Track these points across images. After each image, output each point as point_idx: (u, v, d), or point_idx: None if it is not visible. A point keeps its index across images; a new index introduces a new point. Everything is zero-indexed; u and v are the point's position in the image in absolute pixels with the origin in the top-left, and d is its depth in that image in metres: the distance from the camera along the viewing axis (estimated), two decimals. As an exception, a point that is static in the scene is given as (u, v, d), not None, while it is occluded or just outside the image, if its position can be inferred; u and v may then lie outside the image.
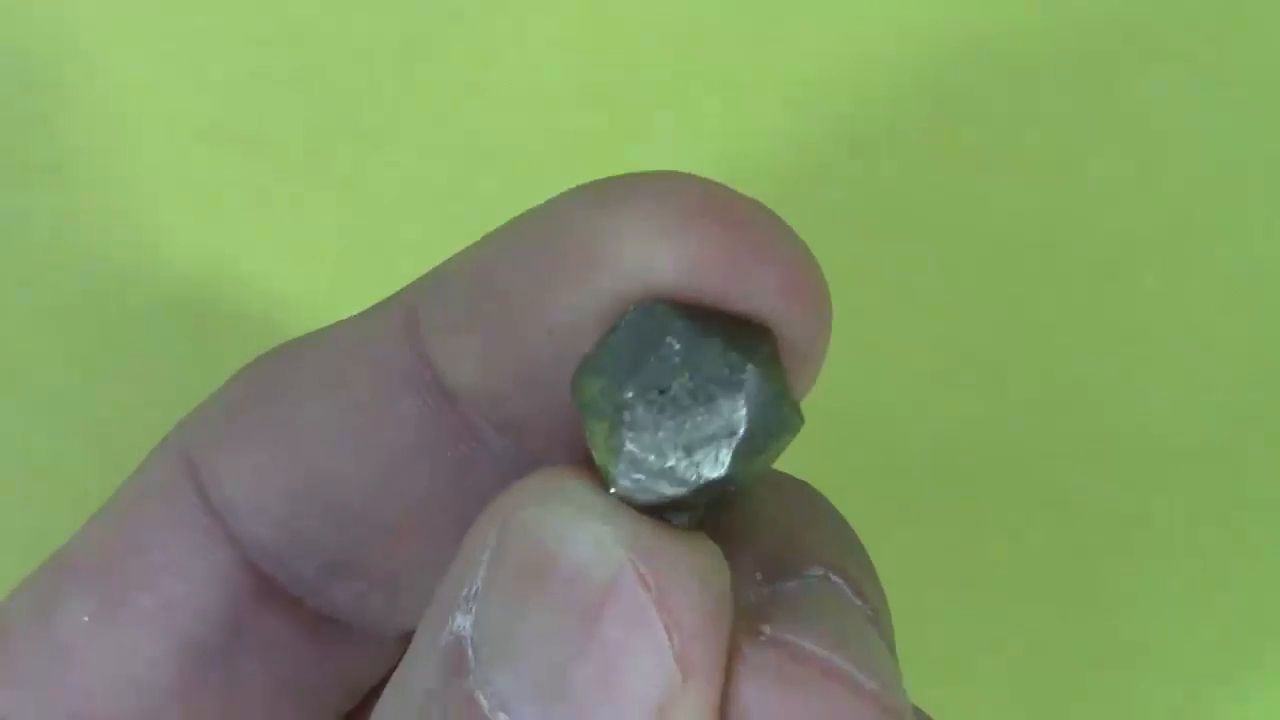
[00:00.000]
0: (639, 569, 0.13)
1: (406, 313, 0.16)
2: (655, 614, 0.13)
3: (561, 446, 0.15)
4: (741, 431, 0.14)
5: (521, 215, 0.15)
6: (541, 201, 0.15)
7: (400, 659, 0.17)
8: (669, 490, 0.14)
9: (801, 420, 0.14)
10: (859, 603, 0.15)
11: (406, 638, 0.17)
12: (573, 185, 0.15)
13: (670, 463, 0.14)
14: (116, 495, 0.17)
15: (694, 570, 0.13)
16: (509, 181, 0.29)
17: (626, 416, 0.14)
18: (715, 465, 0.14)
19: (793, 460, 0.17)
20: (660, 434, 0.14)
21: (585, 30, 0.29)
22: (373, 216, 0.29)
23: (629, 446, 0.14)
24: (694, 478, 0.14)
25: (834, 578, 0.15)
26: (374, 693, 0.17)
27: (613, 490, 0.14)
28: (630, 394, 0.14)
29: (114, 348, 0.29)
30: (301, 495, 0.16)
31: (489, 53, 0.29)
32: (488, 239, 0.15)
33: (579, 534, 0.13)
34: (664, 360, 0.14)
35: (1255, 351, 0.29)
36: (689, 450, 0.14)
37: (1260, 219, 0.29)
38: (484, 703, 0.13)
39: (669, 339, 0.14)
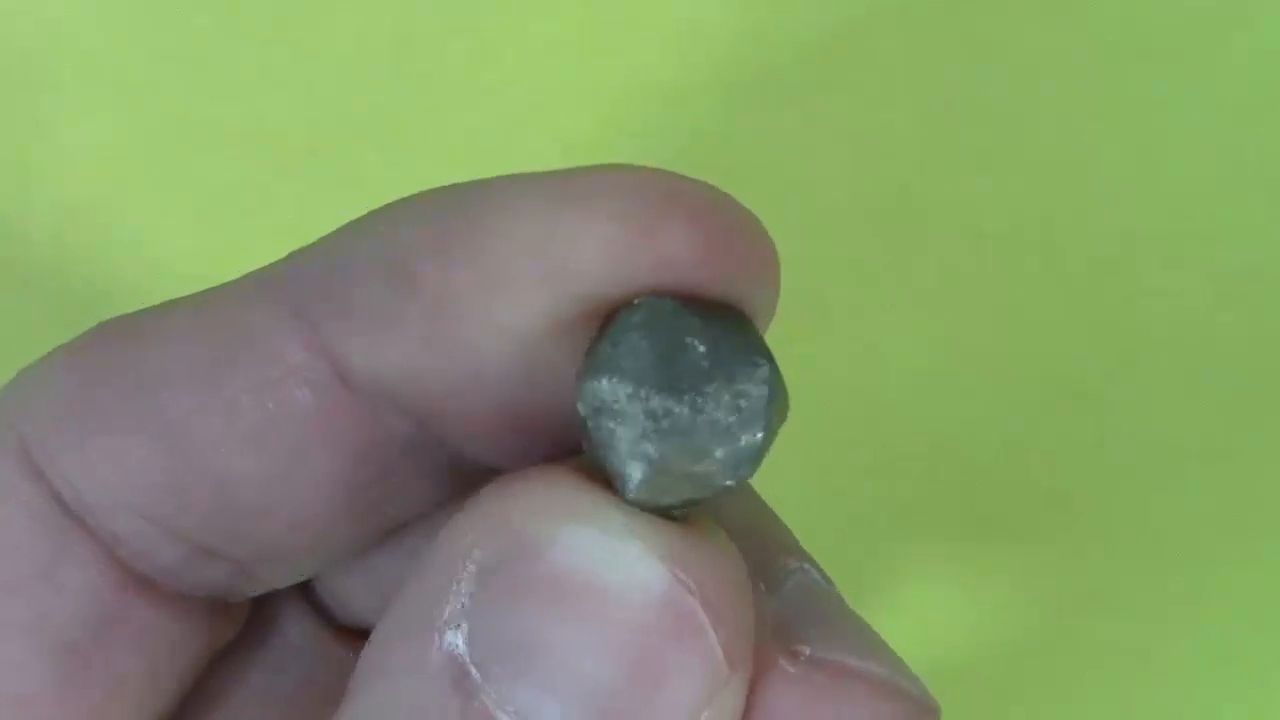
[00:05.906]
0: (680, 577, 0.13)
1: (294, 297, 0.15)
2: (704, 619, 0.13)
3: (505, 438, 0.15)
4: (763, 432, 0.13)
5: (434, 198, 0.15)
6: (456, 183, 0.15)
7: (255, 621, 0.17)
8: (692, 494, 0.13)
9: (788, 404, 0.14)
10: (830, 586, 0.15)
11: (259, 598, 0.17)
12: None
13: (698, 467, 0.13)
14: None
15: (725, 566, 0.13)
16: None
17: (659, 422, 0.13)
18: (738, 467, 0.13)
19: (793, 460, 0.17)
20: (690, 439, 0.13)
21: (585, 30, 0.29)
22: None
23: (657, 451, 0.13)
24: (720, 480, 0.13)
25: (804, 566, 0.15)
26: (221, 652, 0.17)
27: (629, 496, 0.13)
28: (661, 398, 0.13)
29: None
30: (170, 489, 0.15)
31: (489, 53, 0.29)
32: (390, 222, 0.15)
33: (611, 553, 0.13)
34: (691, 363, 0.13)
35: (1255, 351, 0.29)
36: (716, 451, 0.13)
37: (1260, 219, 0.29)
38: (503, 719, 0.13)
39: (689, 339, 0.14)
